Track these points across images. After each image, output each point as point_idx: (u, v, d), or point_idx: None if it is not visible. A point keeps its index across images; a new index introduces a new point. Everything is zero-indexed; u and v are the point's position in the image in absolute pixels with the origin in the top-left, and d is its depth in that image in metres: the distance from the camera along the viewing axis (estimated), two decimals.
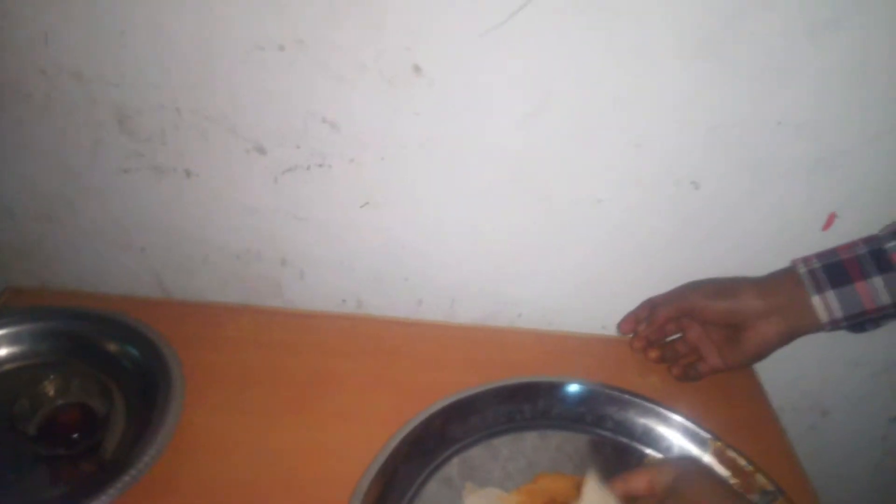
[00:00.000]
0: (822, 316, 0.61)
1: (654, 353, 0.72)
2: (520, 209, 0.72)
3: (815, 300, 0.61)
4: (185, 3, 0.60)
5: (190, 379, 0.61)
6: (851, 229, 0.70)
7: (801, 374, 0.83)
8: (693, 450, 0.62)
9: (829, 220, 0.71)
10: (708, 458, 0.60)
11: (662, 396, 0.66)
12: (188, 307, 0.76)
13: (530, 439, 0.62)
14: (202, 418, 0.60)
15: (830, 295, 0.61)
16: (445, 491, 0.57)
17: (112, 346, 0.62)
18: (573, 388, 0.65)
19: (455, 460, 0.60)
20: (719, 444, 0.61)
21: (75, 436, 0.52)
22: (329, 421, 0.64)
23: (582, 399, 0.65)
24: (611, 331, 0.79)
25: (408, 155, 0.68)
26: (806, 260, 0.63)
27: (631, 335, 0.75)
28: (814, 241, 0.70)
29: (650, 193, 0.70)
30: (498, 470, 0.59)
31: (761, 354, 0.65)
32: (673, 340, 0.73)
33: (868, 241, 0.62)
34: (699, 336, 0.69)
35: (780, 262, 0.69)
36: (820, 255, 0.63)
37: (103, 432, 0.54)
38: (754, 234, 0.72)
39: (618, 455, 0.62)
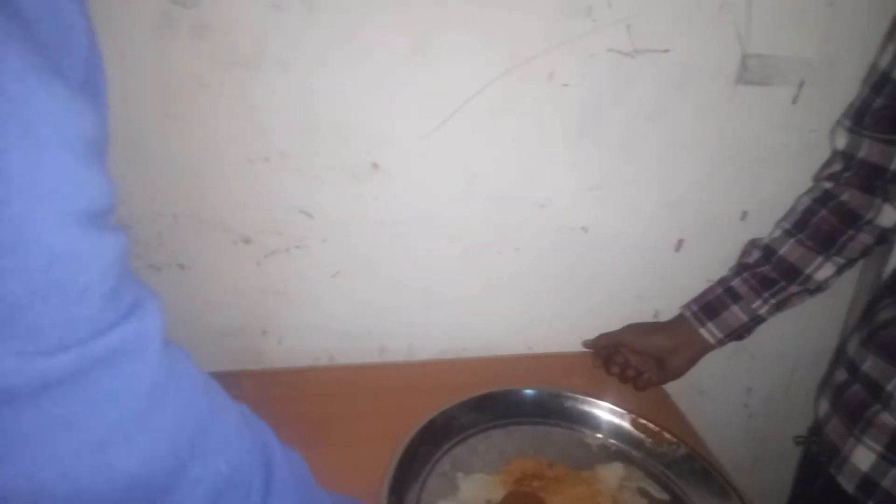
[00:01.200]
0: (710, 339, 0.87)
1: (614, 370, 0.94)
2: (459, 263, 0.92)
3: (702, 331, 0.87)
4: (188, 129, 0.75)
5: None
6: (695, 249, 0.98)
7: None
8: (616, 421, 0.83)
9: (679, 244, 0.98)
10: (627, 425, 0.82)
11: (584, 392, 0.87)
12: None
13: (497, 435, 0.81)
14: None
15: (710, 325, 0.87)
16: (444, 482, 0.73)
17: None
18: (525, 392, 0.85)
19: (444, 459, 0.76)
20: (633, 415, 0.83)
21: None
22: (328, 454, 0.76)
23: (531, 400, 0.84)
24: (536, 349, 1.00)
25: (370, 231, 0.86)
26: (688, 306, 0.90)
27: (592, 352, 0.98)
28: (669, 260, 0.97)
29: (553, 240, 0.92)
30: (478, 461, 0.77)
31: (680, 374, 0.90)
32: (623, 363, 0.95)
33: (721, 282, 0.89)
34: (641, 361, 0.93)
35: (648, 279, 0.94)
36: (696, 300, 0.90)
37: None
38: (625, 261, 0.97)
39: (565, 437, 0.82)
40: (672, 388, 0.97)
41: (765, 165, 0.94)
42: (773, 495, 1.09)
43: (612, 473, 0.76)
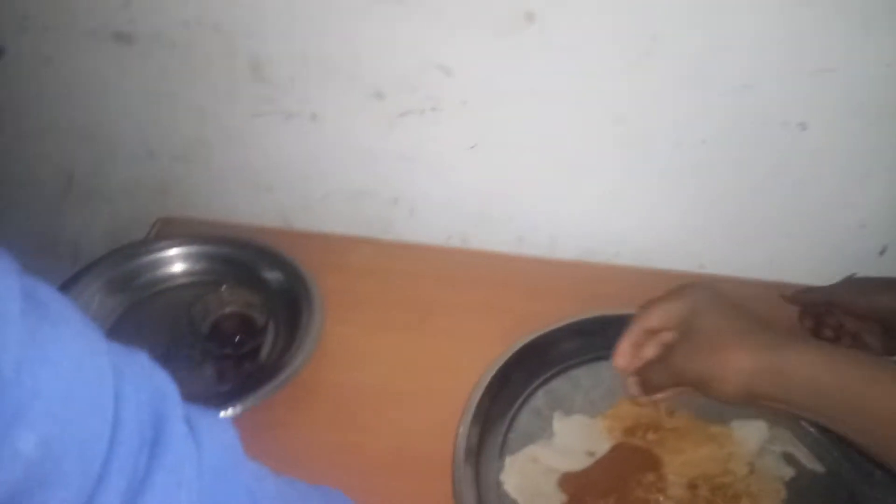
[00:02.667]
0: None
1: (827, 333, 0.68)
2: (620, 151, 0.75)
3: None
4: None
5: (326, 298, 0.69)
6: None
7: None
8: None
9: None
10: None
11: None
12: (312, 238, 0.84)
13: (608, 368, 0.67)
14: (339, 332, 0.68)
15: None
16: (536, 421, 0.63)
17: (261, 270, 0.71)
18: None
19: (540, 392, 0.65)
20: None
21: (237, 339, 0.61)
22: (443, 342, 0.71)
23: None
24: (709, 269, 0.82)
25: (518, 99, 0.72)
26: None
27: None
28: None
29: (755, 134, 0.71)
30: (581, 398, 0.64)
31: None
32: (837, 326, 0.70)
33: None
34: (860, 326, 0.67)
35: (879, 202, 0.70)
36: None
37: (261, 339, 0.63)
38: (851, 174, 0.73)
39: None
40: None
41: None
42: None
43: (752, 432, 0.59)
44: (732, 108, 0.70)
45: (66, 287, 0.65)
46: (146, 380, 0.29)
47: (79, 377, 0.26)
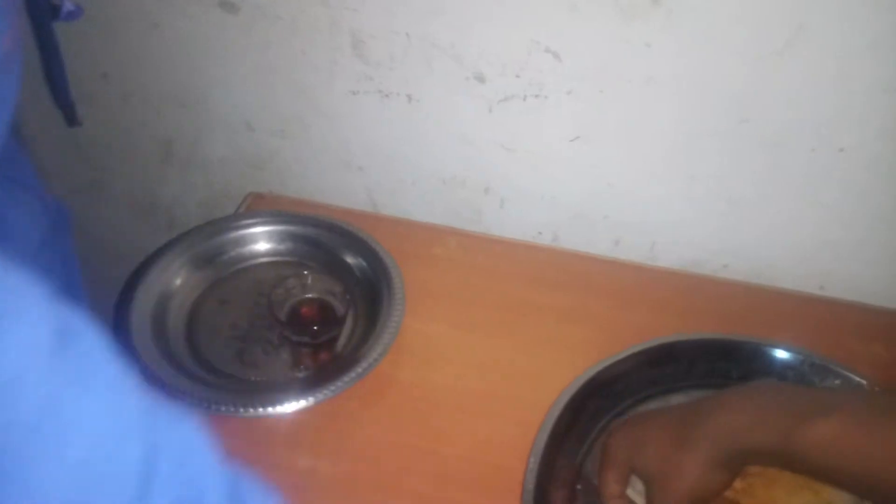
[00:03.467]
0: None
1: None
2: (743, 154, 0.68)
3: None
4: None
5: (407, 288, 0.66)
6: None
7: None
8: None
9: None
10: None
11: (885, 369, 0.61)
12: (398, 224, 0.81)
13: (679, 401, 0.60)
14: (419, 327, 0.65)
15: None
16: None
17: (345, 255, 0.69)
18: (777, 352, 0.62)
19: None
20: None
21: (315, 327, 0.59)
22: (527, 346, 0.66)
23: (786, 365, 0.61)
24: (829, 292, 0.74)
25: (630, 90, 0.66)
26: None
27: None
28: None
29: None
30: None
31: None
32: None
33: None
34: None
35: None
36: None
37: (340, 328, 0.61)
38: None
39: None
40: None
41: None
42: None
43: None
44: (877, 114, 0.61)
45: (153, 259, 0.65)
46: (184, 454, 0.26)
47: (105, 434, 0.23)
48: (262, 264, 0.70)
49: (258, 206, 0.80)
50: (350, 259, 0.69)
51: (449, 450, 0.57)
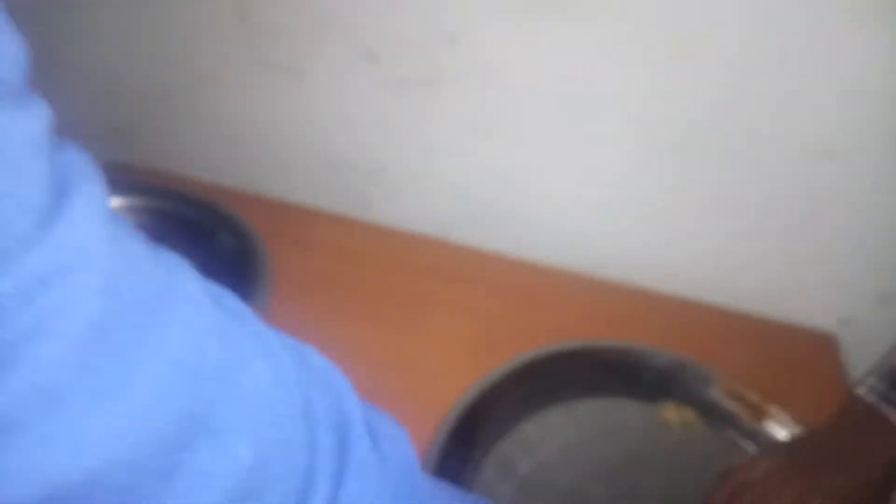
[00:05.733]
0: None
1: None
2: (642, 160, 0.67)
3: None
4: None
5: (278, 274, 0.61)
6: None
7: None
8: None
9: None
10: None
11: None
12: (276, 206, 0.76)
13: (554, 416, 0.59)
14: (288, 312, 0.59)
15: None
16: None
17: (209, 231, 0.63)
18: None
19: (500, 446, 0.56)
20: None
21: None
22: (412, 341, 0.63)
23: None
24: (707, 297, 0.75)
25: (534, 83, 0.64)
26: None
27: None
28: None
29: (779, 159, 0.64)
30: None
31: None
32: None
33: None
34: None
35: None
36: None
37: None
38: (879, 212, 0.66)
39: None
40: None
41: None
42: None
43: None
44: (761, 132, 0.63)
45: None
46: (326, 383, 0.29)
47: (274, 381, 0.25)
48: None
49: (117, 178, 0.72)
50: (215, 236, 0.63)
51: None
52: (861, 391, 0.52)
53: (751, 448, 0.58)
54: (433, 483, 0.36)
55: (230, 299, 0.26)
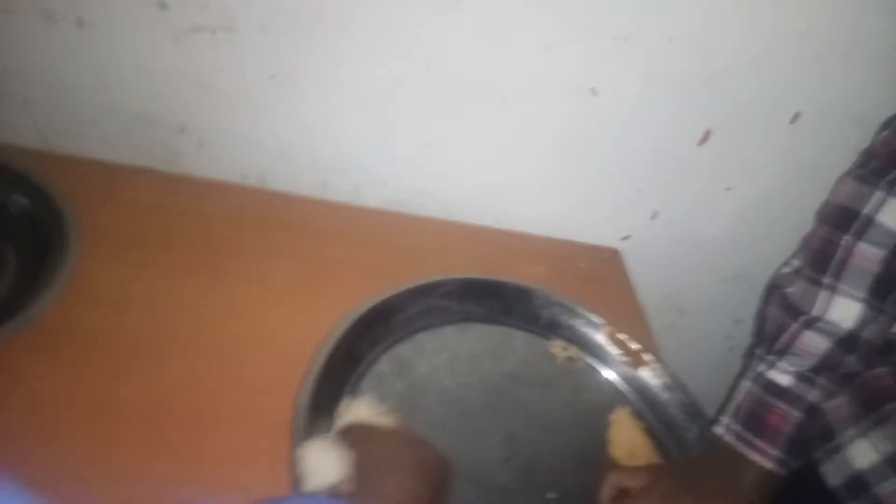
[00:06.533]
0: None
1: None
2: (429, 101, 0.73)
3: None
4: None
5: (83, 232, 0.59)
6: (723, 147, 0.79)
7: (665, 276, 0.94)
8: (589, 333, 0.71)
9: (705, 136, 0.79)
10: (601, 338, 0.70)
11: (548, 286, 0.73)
12: (77, 164, 0.73)
13: (450, 332, 0.67)
14: (98, 270, 0.59)
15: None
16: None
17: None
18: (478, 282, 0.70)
19: (384, 358, 0.62)
20: (611, 328, 0.70)
21: None
22: (232, 286, 0.65)
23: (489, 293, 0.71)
24: (504, 225, 0.85)
25: (324, 30, 0.67)
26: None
27: None
28: (689, 154, 0.78)
29: (550, 97, 0.73)
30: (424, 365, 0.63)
31: None
32: None
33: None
34: None
35: (657, 172, 0.76)
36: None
37: None
38: (640, 142, 0.79)
39: (528, 344, 0.70)
40: (651, 301, 0.82)
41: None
42: None
43: None
44: (532, 68, 0.71)
45: None
46: None
47: None
48: None
49: None
50: (6, 196, 0.59)
51: (142, 393, 0.53)
52: (718, 430, 0.58)
53: (623, 387, 0.69)
54: None
55: None
